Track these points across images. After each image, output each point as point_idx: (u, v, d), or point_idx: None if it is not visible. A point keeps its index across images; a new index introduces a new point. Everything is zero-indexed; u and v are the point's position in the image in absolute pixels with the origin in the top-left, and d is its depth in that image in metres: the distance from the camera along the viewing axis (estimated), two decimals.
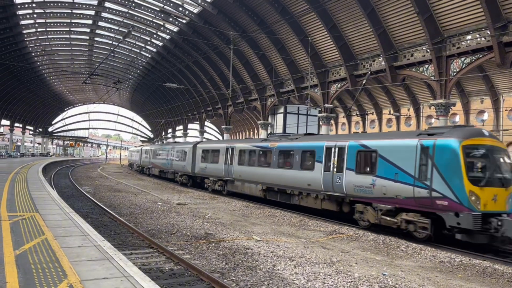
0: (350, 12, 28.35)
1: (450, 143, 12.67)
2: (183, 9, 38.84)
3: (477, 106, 37.76)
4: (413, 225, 13.37)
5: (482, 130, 13.87)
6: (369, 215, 14.99)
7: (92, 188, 28.33)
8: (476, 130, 13.89)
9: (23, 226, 9.18)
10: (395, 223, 13.93)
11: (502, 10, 21.15)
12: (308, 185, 18.12)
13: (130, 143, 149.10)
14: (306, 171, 18.28)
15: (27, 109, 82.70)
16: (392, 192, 13.94)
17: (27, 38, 48.73)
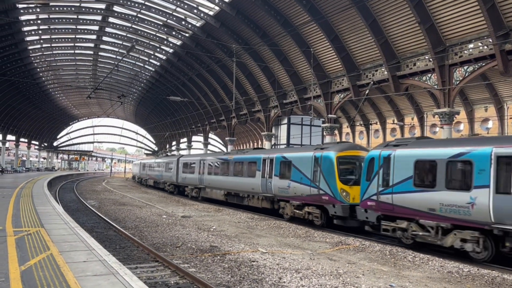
0: (352, 22, 28.52)
1: (329, 155, 17.60)
2: (186, 23, 39.23)
3: (481, 114, 37.66)
4: (312, 215, 18.30)
5: (354, 144, 20.89)
6: (288, 210, 19.87)
7: (97, 202, 28.35)
8: (349, 144, 19.49)
9: (28, 242, 9.18)
10: (302, 215, 18.77)
11: (503, 18, 21.20)
12: (252, 189, 22.96)
13: (134, 156, 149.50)
14: (251, 178, 23.06)
15: (32, 124, 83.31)
16: (299, 192, 18.89)
17: (32, 54, 49.29)
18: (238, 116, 48.31)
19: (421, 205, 13.09)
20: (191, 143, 71.78)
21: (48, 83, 66.16)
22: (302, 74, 36.76)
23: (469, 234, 11.88)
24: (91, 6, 39.78)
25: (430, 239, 12.95)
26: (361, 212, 15.53)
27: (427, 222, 12.97)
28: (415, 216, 13.40)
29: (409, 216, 13.63)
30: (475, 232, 11.75)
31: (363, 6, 26.21)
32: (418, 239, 13.39)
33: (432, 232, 12.85)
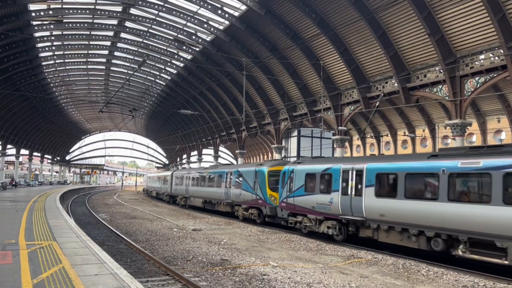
0: (361, 35, 28.60)
1: (263, 170, 23.78)
2: (196, 37, 39.72)
3: (494, 126, 37.21)
4: (253, 215, 24.35)
5: (283, 161, 27.41)
6: (240, 212, 26.06)
7: (108, 215, 28.47)
8: (279, 161, 26.15)
9: (40, 255, 9.24)
10: (247, 215, 24.84)
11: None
12: (219, 197, 29.06)
13: (145, 169, 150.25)
14: (219, 188, 29.13)
15: (45, 138, 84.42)
16: (246, 198, 24.95)
17: (46, 69, 50.21)
18: (248, 129, 48.44)
19: (308, 204, 18.75)
20: (202, 156, 72.02)
21: (61, 97, 67.18)
22: (311, 86, 36.82)
23: (331, 222, 17.52)
24: (104, 22, 40.54)
25: (313, 228, 18.59)
26: (279, 211, 21.68)
27: (311, 216, 18.70)
28: (305, 212, 19.07)
29: (303, 212, 19.28)
30: (334, 221, 17.40)
31: (372, 19, 26.31)
32: (308, 228, 18.97)
33: (314, 223, 18.52)
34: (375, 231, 15.64)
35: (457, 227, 12.51)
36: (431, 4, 23.53)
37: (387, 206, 14.87)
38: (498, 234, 11.41)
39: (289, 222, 20.08)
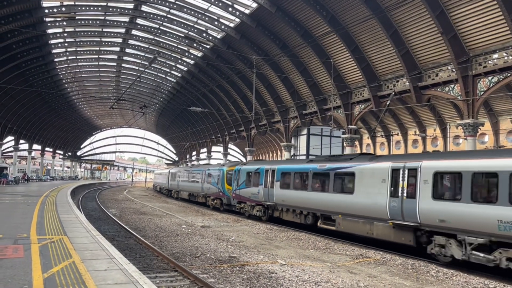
0: (373, 33, 28.39)
1: (223, 169, 30.30)
2: (207, 34, 39.78)
3: (507, 126, 36.70)
4: (217, 204, 31.18)
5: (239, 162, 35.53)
6: (210, 202, 32.65)
7: (118, 211, 28.71)
8: (235, 162, 33.77)
9: (51, 249, 9.36)
10: (213, 204, 31.73)
11: None
12: (198, 191, 36.16)
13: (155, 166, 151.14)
14: (198, 184, 35.89)
15: (57, 134, 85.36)
16: (213, 191, 31.89)
17: (59, 65, 50.71)
18: (257, 127, 48.43)
19: (247, 194, 25.47)
20: (211, 153, 72.21)
21: (73, 94, 67.83)
22: (322, 84, 36.67)
23: (259, 207, 24.18)
24: (115, 19, 40.80)
25: (250, 211, 25.24)
26: (232, 201, 28.48)
27: (249, 203, 25.44)
28: (246, 200, 25.76)
29: (245, 200, 26.05)
30: (260, 206, 24.04)
31: (384, 17, 26.09)
32: (247, 212, 25.67)
33: (250, 208, 25.23)
34: (281, 212, 22.23)
35: (316, 208, 19.04)
36: (444, 2, 23.26)
37: (285, 194, 21.58)
38: (332, 211, 17.95)
39: (237, 207, 27.34)
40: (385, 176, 15.30)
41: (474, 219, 11.89)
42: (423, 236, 13.82)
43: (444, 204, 12.94)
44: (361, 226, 16.20)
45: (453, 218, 12.51)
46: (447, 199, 13.05)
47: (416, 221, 13.73)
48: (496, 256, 11.46)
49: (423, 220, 13.51)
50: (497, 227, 11.25)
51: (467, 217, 12.10)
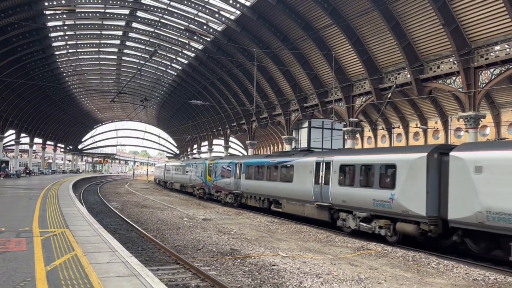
0: (374, 25, 28.24)
1: (205, 163, 33.98)
2: (207, 27, 39.62)
3: (508, 118, 36.64)
4: (200, 193, 35.31)
5: (219, 157, 40.47)
6: (196, 192, 36.70)
7: (120, 204, 28.81)
8: (215, 157, 37.98)
9: (54, 242, 9.41)
10: (199, 193, 35.74)
11: None
12: (187, 182, 40.40)
13: (156, 159, 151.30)
14: (187, 175, 40.05)
15: (58, 127, 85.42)
16: (198, 182, 35.75)
17: (59, 59, 50.60)
18: (258, 120, 48.39)
19: (222, 184, 29.92)
20: (212, 146, 72.26)
21: (74, 87, 67.76)
22: (323, 77, 36.57)
23: (231, 195, 28.47)
24: (116, 12, 40.62)
25: (224, 199, 29.52)
26: (212, 190, 32.57)
27: (223, 192, 29.88)
28: (222, 190, 30.17)
29: (221, 190, 30.43)
30: (232, 194, 28.33)
31: (385, 9, 25.93)
32: (223, 200, 29.94)
33: (225, 196, 29.57)
34: (246, 199, 26.36)
35: (270, 194, 23.27)
36: None
37: (249, 184, 25.81)
38: (279, 196, 22.09)
39: (215, 196, 31.80)
40: (312, 168, 19.34)
41: (361, 199, 16.07)
42: (334, 213, 17.93)
43: (345, 188, 17.09)
44: (298, 208, 20.35)
45: (350, 199, 16.77)
46: (347, 185, 17.07)
47: (329, 202, 17.94)
48: (372, 225, 15.61)
49: (333, 201, 17.73)
50: (373, 204, 15.45)
51: (357, 198, 16.34)
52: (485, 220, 11.66)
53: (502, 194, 11.41)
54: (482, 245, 12.54)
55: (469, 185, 12.27)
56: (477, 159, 12.26)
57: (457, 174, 12.72)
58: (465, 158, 12.61)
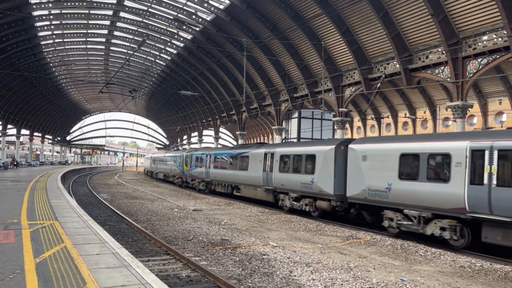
0: (363, 15, 28.23)
1: (182, 154, 38.64)
2: (196, 17, 39.23)
3: (495, 107, 37.10)
4: (179, 182, 39.32)
5: (195, 148, 46.73)
6: (176, 180, 40.46)
7: (110, 195, 28.67)
8: (192, 149, 42.58)
9: (43, 234, 9.35)
10: (177, 182, 39.84)
11: None
12: (169, 172, 44.34)
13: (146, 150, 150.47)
14: (169, 166, 44.61)
15: (46, 119, 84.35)
16: (177, 172, 40.22)
17: (45, 49, 49.80)
18: (248, 110, 48.32)
19: (196, 173, 33.59)
20: (202, 137, 72.04)
21: (61, 77, 66.83)
22: (312, 67, 36.56)
23: (203, 183, 32.20)
24: (102, 1, 40.00)
25: (198, 187, 33.08)
26: (188, 179, 36.17)
27: (197, 180, 33.55)
28: (196, 178, 33.82)
29: (195, 178, 34.08)
30: (204, 182, 32.07)
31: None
32: (197, 187, 33.39)
33: (198, 184, 33.15)
34: (215, 186, 30.04)
35: (232, 181, 27.16)
36: None
37: (217, 173, 29.67)
38: (239, 182, 25.85)
39: (190, 184, 35.59)
40: (261, 158, 23.06)
41: (293, 183, 19.94)
42: (277, 195, 21.76)
43: (283, 174, 20.86)
44: (252, 191, 24.12)
45: (286, 183, 20.56)
46: (284, 172, 20.80)
47: (273, 186, 21.77)
48: (301, 203, 19.45)
49: (275, 185, 21.55)
50: (301, 186, 19.30)
51: (291, 182, 20.15)
52: (367, 196, 15.48)
53: (375, 176, 15.08)
54: (371, 216, 16.60)
55: (358, 170, 15.91)
56: (364, 150, 15.86)
57: (352, 161, 16.35)
58: (357, 149, 16.22)
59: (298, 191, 19.62)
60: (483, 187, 11.61)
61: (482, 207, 11.60)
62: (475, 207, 11.77)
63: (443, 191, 12.69)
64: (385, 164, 14.85)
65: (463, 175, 12.20)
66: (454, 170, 12.47)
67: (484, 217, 11.52)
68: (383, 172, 14.80)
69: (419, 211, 13.43)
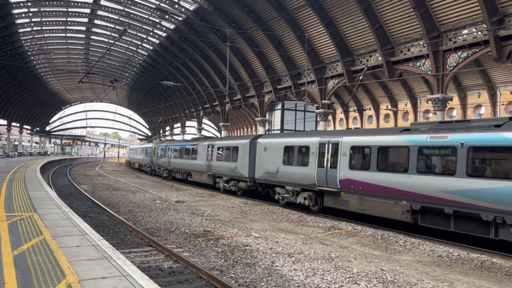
0: (347, 7, 28.30)
1: (152, 146, 44.09)
2: (179, 6, 38.72)
3: (474, 100, 37.84)
4: (149, 170, 45.38)
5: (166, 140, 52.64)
6: (146, 169, 46.79)
7: (91, 186, 28.30)
8: (160, 141, 50.38)
9: (21, 226, 9.18)
10: (147, 171, 45.57)
11: (498, 4, 21.13)
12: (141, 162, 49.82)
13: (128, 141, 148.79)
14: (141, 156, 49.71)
15: (24, 108, 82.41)
16: (148, 161, 45.54)
17: (23, 37, 48.51)
18: (232, 101, 48.14)
19: (161, 163, 39.17)
20: (185, 128, 71.54)
21: (39, 67, 65.30)
22: (296, 59, 36.57)
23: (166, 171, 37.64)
24: None
25: (162, 174, 38.59)
26: (155, 167, 41.02)
27: (162, 169, 39.06)
28: (162, 167, 38.90)
29: (161, 167, 39.46)
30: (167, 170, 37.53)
31: None
32: (161, 174, 39.02)
33: (163, 172, 38.45)
34: (175, 173, 34.79)
35: (186, 169, 32.08)
36: None
37: (176, 162, 34.56)
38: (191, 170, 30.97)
39: (157, 172, 40.66)
40: (205, 149, 28.18)
41: (225, 169, 25.05)
42: (215, 179, 26.79)
43: (219, 162, 26.03)
44: (199, 177, 29.35)
45: (221, 169, 25.69)
46: (220, 160, 25.94)
47: (212, 172, 26.95)
48: (230, 184, 24.66)
49: (214, 171, 26.72)
50: (229, 172, 24.39)
51: (223, 168, 25.27)
52: (266, 177, 20.71)
53: (271, 162, 20.30)
54: (272, 192, 21.17)
55: (262, 158, 21.16)
56: (265, 143, 21.25)
57: (259, 152, 21.55)
58: (261, 142, 21.56)
59: (228, 175, 24.81)
60: (323, 169, 16.95)
61: (323, 182, 16.96)
62: (320, 182, 17.13)
63: (306, 172, 17.85)
64: (276, 154, 20.00)
65: (315, 161, 17.46)
66: (311, 158, 17.70)
67: (324, 189, 16.92)
68: (275, 159, 19.99)
69: (293, 187, 18.74)
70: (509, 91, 35.20)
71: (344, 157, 15.98)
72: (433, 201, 12.46)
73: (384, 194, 14.12)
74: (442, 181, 12.27)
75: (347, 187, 15.70)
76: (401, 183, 13.49)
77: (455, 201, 11.82)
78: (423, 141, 13.16)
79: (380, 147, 14.61)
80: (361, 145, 15.51)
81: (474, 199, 11.35)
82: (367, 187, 14.82)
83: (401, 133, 14.29)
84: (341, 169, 16.02)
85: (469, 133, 12.11)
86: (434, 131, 13.19)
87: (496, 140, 11.29)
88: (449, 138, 12.44)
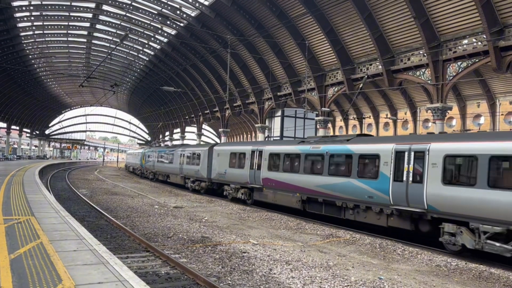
0: (347, 16, 28.45)
1: (141, 151, 50.39)
2: (180, 12, 38.89)
3: (473, 110, 37.89)
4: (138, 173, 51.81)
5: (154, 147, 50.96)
6: (137, 172, 53.15)
7: (89, 191, 28.24)
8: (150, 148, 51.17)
9: (18, 230, 9.14)
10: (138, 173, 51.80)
11: (498, 14, 21.26)
12: (134, 165, 55.35)
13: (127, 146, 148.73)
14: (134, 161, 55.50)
15: (24, 112, 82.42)
16: (138, 165, 51.90)
17: (25, 40, 48.65)
18: (232, 108, 48.20)
19: (148, 166, 44.58)
20: (185, 133, 71.53)
21: (40, 70, 65.40)
22: (296, 66, 36.68)
23: (152, 173, 42.79)
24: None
25: (149, 176, 43.59)
26: (144, 171, 46.48)
27: (148, 172, 44.23)
28: (148, 170, 44.57)
29: (148, 170, 44.92)
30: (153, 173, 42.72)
31: (359, 0, 26.13)
32: (148, 177, 43.94)
33: (149, 174, 43.29)
34: (158, 175, 39.64)
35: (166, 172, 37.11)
36: None
37: (159, 165, 39.76)
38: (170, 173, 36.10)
39: (145, 174, 44.92)
40: (178, 155, 33.06)
41: (191, 171, 29.93)
42: (185, 180, 31.53)
43: (187, 166, 30.81)
44: (175, 178, 34.22)
45: (189, 171, 30.59)
46: (188, 164, 30.70)
47: (183, 174, 31.81)
48: (195, 184, 29.33)
49: (184, 173, 31.59)
50: (195, 174, 29.02)
51: (190, 171, 30.13)
52: (219, 178, 25.60)
53: (221, 165, 25.03)
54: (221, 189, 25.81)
55: (216, 162, 25.96)
56: (218, 150, 26.04)
57: (214, 157, 26.33)
58: (216, 149, 26.39)
59: (194, 177, 29.53)
60: (253, 170, 21.58)
61: (253, 181, 21.57)
62: (252, 181, 21.71)
63: (243, 173, 22.43)
64: (225, 159, 24.65)
65: (248, 164, 22.09)
66: (246, 162, 22.28)
67: (254, 186, 21.57)
68: (224, 163, 24.68)
69: (235, 184, 23.48)
70: (508, 101, 35.27)
71: (264, 161, 20.81)
72: (313, 193, 17.35)
73: (287, 188, 18.98)
74: (316, 179, 17.12)
75: (267, 184, 20.54)
76: (295, 180, 18.32)
77: (323, 192, 16.73)
78: (308, 150, 18.01)
79: (285, 153, 19.42)
80: (275, 152, 20.26)
81: (332, 191, 16.23)
82: (277, 184, 19.68)
83: (298, 144, 19.08)
84: (263, 170, 20.83)
85: (331, 145, 16.91)
86: (315, 143, 17.98)
87: (344, 150, 16.19)
88: (321, 148, 17.25)
